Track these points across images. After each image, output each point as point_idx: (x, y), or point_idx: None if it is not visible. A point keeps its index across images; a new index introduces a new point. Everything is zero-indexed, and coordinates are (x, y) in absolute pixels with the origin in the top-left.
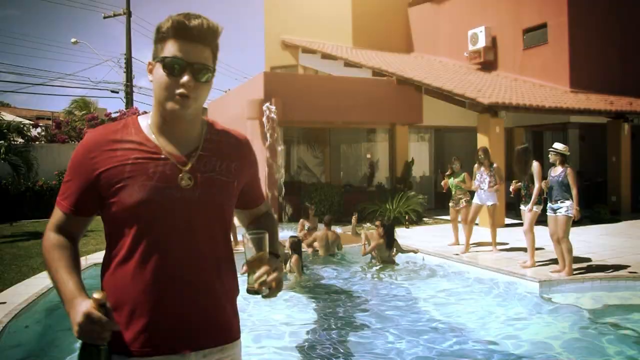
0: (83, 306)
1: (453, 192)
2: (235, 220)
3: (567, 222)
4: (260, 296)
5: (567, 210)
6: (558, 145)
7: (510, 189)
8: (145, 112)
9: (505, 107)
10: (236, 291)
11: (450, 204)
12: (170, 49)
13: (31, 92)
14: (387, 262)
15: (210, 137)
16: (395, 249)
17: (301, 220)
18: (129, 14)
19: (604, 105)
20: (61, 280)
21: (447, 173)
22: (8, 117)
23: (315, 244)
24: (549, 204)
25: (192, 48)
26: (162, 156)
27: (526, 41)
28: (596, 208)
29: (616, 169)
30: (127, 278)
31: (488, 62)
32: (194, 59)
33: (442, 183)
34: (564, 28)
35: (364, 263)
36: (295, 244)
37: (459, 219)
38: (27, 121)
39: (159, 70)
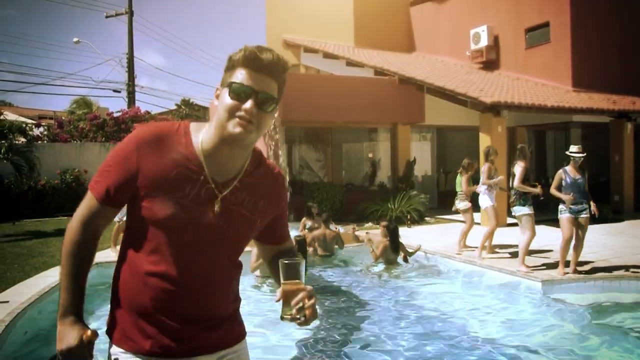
0: (73, 336)
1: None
2: None
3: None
4: (295, 323)
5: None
6: (573, 149)
7: (537, 191)
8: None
9: (507, 107)
10: (239, 298)
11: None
12: (239, 76)
13: (33, 91)
14: (392, 263)
15: (250, 169)
16: (402, 252)
17: (303, 219)
18: (131, 14)
19: (606, 104)
20: (65, 289)
21: (470, 174)
22: (10, 116)
23: (315, 244)
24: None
25: (260, 78)
26: (202, 177)
27: (528, 40)
28: (599, 207)
29: (619, 168)
30: (141, 282)
31: (490, 62)
32: (261, 88)
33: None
34: (566, 27)
35: (365, 263)
36: (300, 244)
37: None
38: (29, 121)
39: (225, 94)
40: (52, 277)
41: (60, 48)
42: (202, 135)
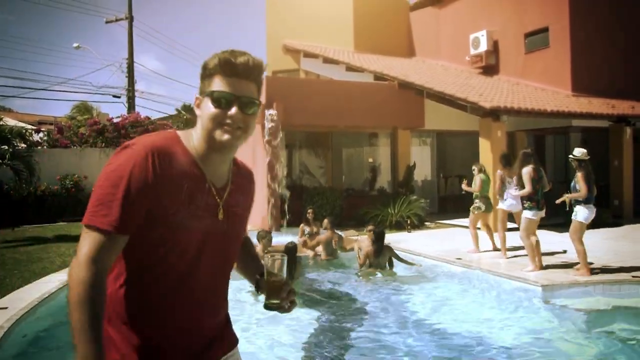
0: None
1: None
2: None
3: (576, 226)
4: (278, 312)
5: (576, 215)
6: (575, 151)
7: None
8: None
9: (506, 111)
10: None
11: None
12: (218, 84)
13: (33, 97)
14: (381, 268)
15: (235, 170)
16: (388, 255)
17: (301, 225)
18: (130, 19)
19: (605, 109)
20: (86, 340)
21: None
22: (10, 122)
23: (319, 248)
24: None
25: (238, 83)
26: (206, 185)
27: (528, 45)
28: (598, 212)
29: (618, 173)
30: (155, 297)
31: (490, 66)
32: (241, 92)
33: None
34: (565, 32)
35: (356, 268)
36: (290, 251)
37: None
38: (29, 126)
39: (207, 104)
40: (51, 283)
41: (61, 53)
42: (193, 144)
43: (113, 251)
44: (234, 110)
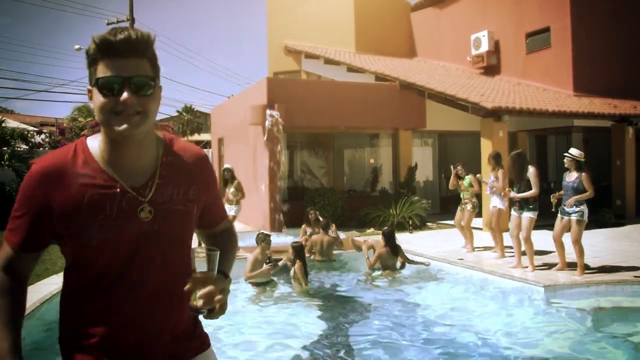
0: None
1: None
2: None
3: (582, 226)
4: (201, 315)
5: (582, 215)
6: (573, 151)
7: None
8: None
9: (508, 112)
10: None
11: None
12: (103, 69)
13: (35, 98)
14: (390, 268)
15: (166, 160)
16: (400, 257)
17: (303, 225)
18: (132, 21)
19: (607, 108)
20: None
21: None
22: (12, 123)
23: (313, 250)
24: (562, 207)
25: (124, 63)
26: (118, 190)
27: (529, 45)
28: (601, 212)
29: (621, 172)
30: (90, 309)
31: (491, 67)
32: (130, 72)
33: (451, 185)
34: (566, 32)
35: (365, 269)
36: (298, 250)
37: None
38: (31, 128)
39: (96, 94)
40: (53, 284)
41: (62, 55)
42: (98, 147)
43: (24, 263)
44: (125, 94)
